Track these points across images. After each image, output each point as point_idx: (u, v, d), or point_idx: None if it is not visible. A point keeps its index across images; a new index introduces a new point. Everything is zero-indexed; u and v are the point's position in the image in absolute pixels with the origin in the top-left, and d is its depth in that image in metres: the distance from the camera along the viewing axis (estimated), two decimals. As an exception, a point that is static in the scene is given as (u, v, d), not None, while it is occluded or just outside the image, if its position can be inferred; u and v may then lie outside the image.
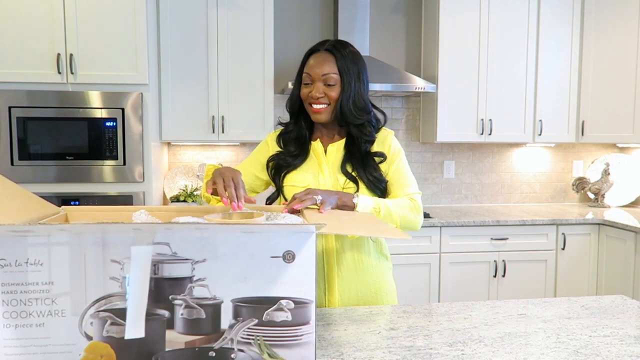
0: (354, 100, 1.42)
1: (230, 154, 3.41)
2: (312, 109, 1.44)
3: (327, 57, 1.42)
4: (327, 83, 1.41)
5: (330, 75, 1.41)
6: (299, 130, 1.50)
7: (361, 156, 1.44)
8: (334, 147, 1.48)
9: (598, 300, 1.42)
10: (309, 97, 1.43)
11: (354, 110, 1.42)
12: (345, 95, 1.41)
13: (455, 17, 3.23)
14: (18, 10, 2.56)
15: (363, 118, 1.44)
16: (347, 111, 1.42)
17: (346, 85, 1.41)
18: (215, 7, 2.97)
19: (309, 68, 1.44)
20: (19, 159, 2.61)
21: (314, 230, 0.83)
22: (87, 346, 0.80)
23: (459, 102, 3.27)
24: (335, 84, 1.41)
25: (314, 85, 1.42)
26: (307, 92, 1.43)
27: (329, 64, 1.41)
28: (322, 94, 1.41)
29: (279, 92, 3.33)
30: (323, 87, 1.41)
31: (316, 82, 1.42)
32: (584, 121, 3.41)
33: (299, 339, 0.83)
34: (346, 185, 1.42)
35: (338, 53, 1.42)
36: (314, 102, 1.42)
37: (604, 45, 3.33)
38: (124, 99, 2.65)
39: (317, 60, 1.43)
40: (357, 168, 1.44)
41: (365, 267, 1.47)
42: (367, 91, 1.47)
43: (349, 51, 1.44)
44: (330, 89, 1.41)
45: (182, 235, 0.80)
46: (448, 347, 1.09)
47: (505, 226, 3.05)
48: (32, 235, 0.78)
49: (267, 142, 1.56)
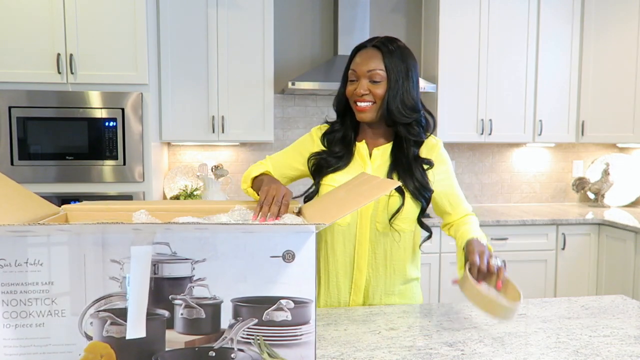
0: (402, 99, 1.35)
1: (230, 154, 3.41)
2: (357, 107, 1.38)
3: (373, 54, 1.36)
4: (373, 80, 1.35)
5: (375, 71, 1.34)
6: (344, 130, 1.44)
7: (408, 161, 1.37)
8: (379, 151, 1.42)
9: (598, 300, 1.42)
10: (353, 95, 1.38)
11: (402, 109, 1.35)
12: (392, 92, 1.35)
13: (455, 17, 3.23)
14: (18, 10, 2.56)
15: (412, 117, 1.37)
16: (394, 109, 1.35)
17: (393, 83, 1.35)
18: (215, 7, 2.97)
19: (354, 65, 1.38)
20: (19, 159, 2.61)
21: (313, 230, 0.83)
22: (87, 346, 0.80)
23: (459, 102, 3.27)
24: (381, 81, 1.35)
25: (358, 82, 1.37)
26: (352, 89, 1.38)
27: (375, 60, 1.35)
28: (367, 91, 1.35)
29: (279, 92, 3.33)
30: (368, 84, 1.35)
31: (361, 78, 1.36)
32: (584, 121, 3.41)
33: (298, 338, 0.83)
34: (392, 194, 1.36)
35: (385, 49, 1.36)
36: (359, 100, 1.37)
37: (604, 45, 3.33)
38: (124, 99, 2.65)
39: (363, 57, 1.37)
40: (403, 176, 1.37)
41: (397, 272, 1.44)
42: (418, 89, 1.40)
43: (397, 47, 1.37)
44: (375, 86, 1.35)
45: (182, 235, 0.80)
46: (448, 347, 1.09)
47: (505, 226, 3.05)
48: (32, 235, 0.78)
49: (312, 136, 1.50)
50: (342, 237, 1.40)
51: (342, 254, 1.41)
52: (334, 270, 1.42)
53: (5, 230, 0.76)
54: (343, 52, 3.22)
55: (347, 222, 1.39)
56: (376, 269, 1.41)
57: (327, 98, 3.44)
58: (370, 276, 1.41)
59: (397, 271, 1.43)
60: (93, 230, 0.78)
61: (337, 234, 1.40)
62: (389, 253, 1.41)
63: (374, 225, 1.38)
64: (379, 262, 1.41)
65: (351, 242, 1.40)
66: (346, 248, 1.40)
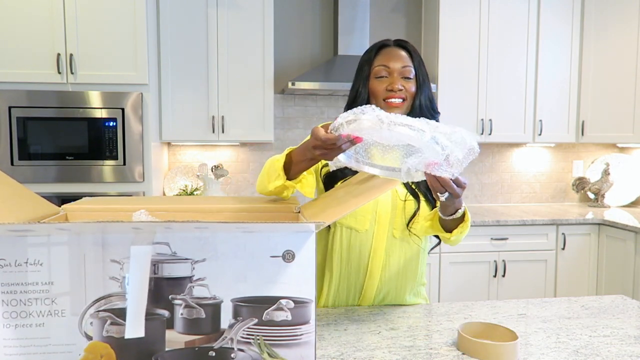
0: (429, 96, 1.37)
1: (231, 154, 3.41)
2: (390, 104, 1.34)
3: (401, 52, 1.37)
4: (405, 76, 1.34)
5: (408, 68, 1.34)
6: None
7: None
8: None
9: (598, 300, 1.42)
10: (385, 92, 1.34)
11: (430, 106, 1.37)
12: (422, 90, 1.36)
13: (455, 17, 3.23)
14: (18, 10, 2.56)
15: (436, 116, 1.38)
16: (425, 107, 1.36)
17: (421, 81, 1.36)
18: (215, 7, 2.97)
19: (384, 60, 1.36)
20: (19, 159, 2.61)
21: (313, 230, 0.83)
22: (87, 346, 0.80)
23: (459, 102, 3.27)
24: (412, 78, 1.35)
25: (392, 78, 1.34)
26: (384, 85, 1.34)
27: (405, 58, 1.36)
28: (402, 87, 1.34)
29: (279, 92, 3.33)
30: (401, 80, 1.34)
31: (394, 74, 1.34)
32: (584, 121, 3.41)
33: (298, 338, 0.83)
34: (407, 198, 1.36)
35: (409, 47, 1.38)
36: (393, 96, 1.33)
37: (604, 45, 3.33)
38: (124, 99, 2.65)
39: (392, 54, 1.36)
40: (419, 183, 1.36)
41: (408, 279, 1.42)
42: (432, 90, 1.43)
43: (414, 48, 1.40)
44: (408, 82, 1.34)
45: (182, 235, 0.80)
46: (448, 347, 1.09)
47: (505, 226, 3.05)
48: (32, 235, 0.78)
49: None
50: (359, 243, 1.38)
51: (356, 260, 1.39)
52: (345, 274, 1.40)
53: (5, 229, 0.76)
54: (343, 52, 3.22)
55: (366, 228, 1.37)
56: (389, 277, 1.39)
57: (327, 98, 3.44)
58: (382, 283, 1.39)
59: (409, 278, 1.42)
60: (93, 229, 0.78)
61: (354, 239, 1.38)
62: (403, 260, 1.40)
63: (390, 232, 1.37)
64: (392, 270, 1.39)
65: (367, 248, 1.38)
66: (361, 254, 1.38)
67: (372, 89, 1.37)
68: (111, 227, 0.78)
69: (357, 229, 1.37)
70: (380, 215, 1.36)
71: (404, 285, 1.42)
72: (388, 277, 1.39)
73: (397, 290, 1.41)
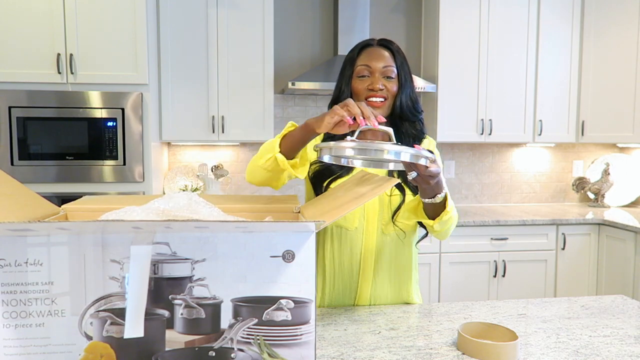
0: (410, 96, 1.39)
1: (231, 154, 3.41)
2: (370, 103, 1.35)
3: (383, 51, 1.38)
4: (387, 75, 1.36)
5: (389, 67, 1.36)
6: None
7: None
8: None
9: (598, 300, 1.42)
10: (366, 91, 1.36)
11: (411, 106, 1.39)
12: (403, 89, 1.37)
13: (455, 17, 3.23)
14: (18, 10, 2.56)
15: (419, 114, 1.41)
16: (405, 106, 1.38)
17: (402, 81, 1.37)
18: (215, 7, 2.97)
19: (366, 60, 1.37)
20: (19, 159, 2.61)
21: (313, 230, 0.83)
22: (87, 346, 0.80)
23: (459, 102, 3.27)
24: (394, 78, 1.37)
25: (373, 78, 1.36)
26: (365, 85, 1.36)
27: (387, 58, 1.37)
28: (383, 86, 1.35)
29: (279, 92, 3.33)
30: (383, 79, 1.36)
31: (376, 74, 1.36)
32: (583, 121, 3.41)
33: (298, 338, 0.83)
34: (393, 192, 1.37)
35: (392, 47, 1.39)
36: (373, 95, 1.35)
37: (603, 46, 3.33)
38: (124, 99, 2.65)
39: (374, 54, 1.37)
40: (403, 172, 1.35)
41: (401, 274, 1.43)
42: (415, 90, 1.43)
43: (398, 48, 1.41)
44: (389, 82, 1.36)
45: (182, 235, 0.80)
46: (448, 347, 1.09)
47: (505, 226, 3.05)
48: (32, 235, 0.78)
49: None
50: (349, 242, 1.39)
51: (348, 258, 1.40)
52: (339, 273, 1.41)
53: (4, 229, 0.76)
54: (343, 52, 3.22)
55: (355, 226, 1.38)
56: (381, 273, 1.41)
57: (327, 98, 3.43)
58: (377, 282, 1.40)
59: (401, 274, 1.43)
60: (93, 229, 0.78)
61: (344, 238, 1.39)
62: (394, 256, 1.41)
63: (380, 229, 1.38)
64: (384, 266, 1.40)
65: (358, 246, 1.39)
66: (353, 253, 1.39)
67: (354, 88, 1.39)
68: (111, 226, 0.78)
69: (346, 227, 1.38)
70: (369, 212, 1.37)
71: (398, 282, 1.43)
72: (381, 274, 1.41)
73: (391, 287, 1.42)
